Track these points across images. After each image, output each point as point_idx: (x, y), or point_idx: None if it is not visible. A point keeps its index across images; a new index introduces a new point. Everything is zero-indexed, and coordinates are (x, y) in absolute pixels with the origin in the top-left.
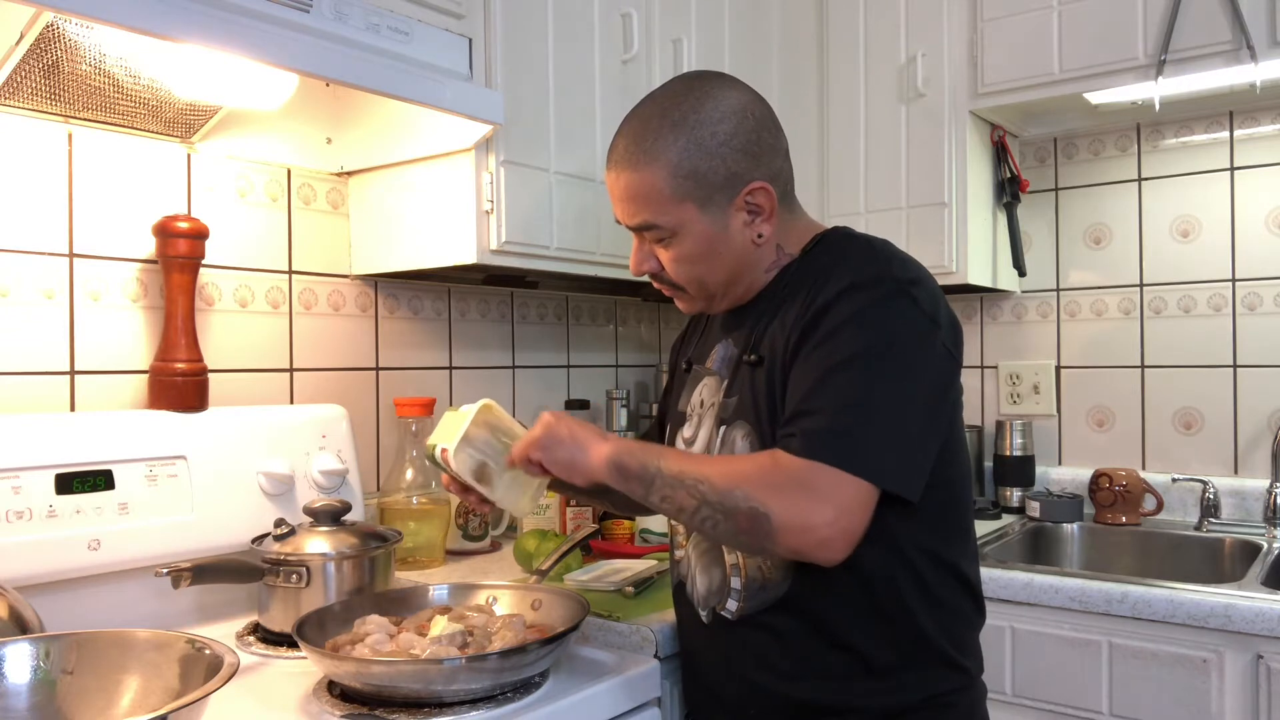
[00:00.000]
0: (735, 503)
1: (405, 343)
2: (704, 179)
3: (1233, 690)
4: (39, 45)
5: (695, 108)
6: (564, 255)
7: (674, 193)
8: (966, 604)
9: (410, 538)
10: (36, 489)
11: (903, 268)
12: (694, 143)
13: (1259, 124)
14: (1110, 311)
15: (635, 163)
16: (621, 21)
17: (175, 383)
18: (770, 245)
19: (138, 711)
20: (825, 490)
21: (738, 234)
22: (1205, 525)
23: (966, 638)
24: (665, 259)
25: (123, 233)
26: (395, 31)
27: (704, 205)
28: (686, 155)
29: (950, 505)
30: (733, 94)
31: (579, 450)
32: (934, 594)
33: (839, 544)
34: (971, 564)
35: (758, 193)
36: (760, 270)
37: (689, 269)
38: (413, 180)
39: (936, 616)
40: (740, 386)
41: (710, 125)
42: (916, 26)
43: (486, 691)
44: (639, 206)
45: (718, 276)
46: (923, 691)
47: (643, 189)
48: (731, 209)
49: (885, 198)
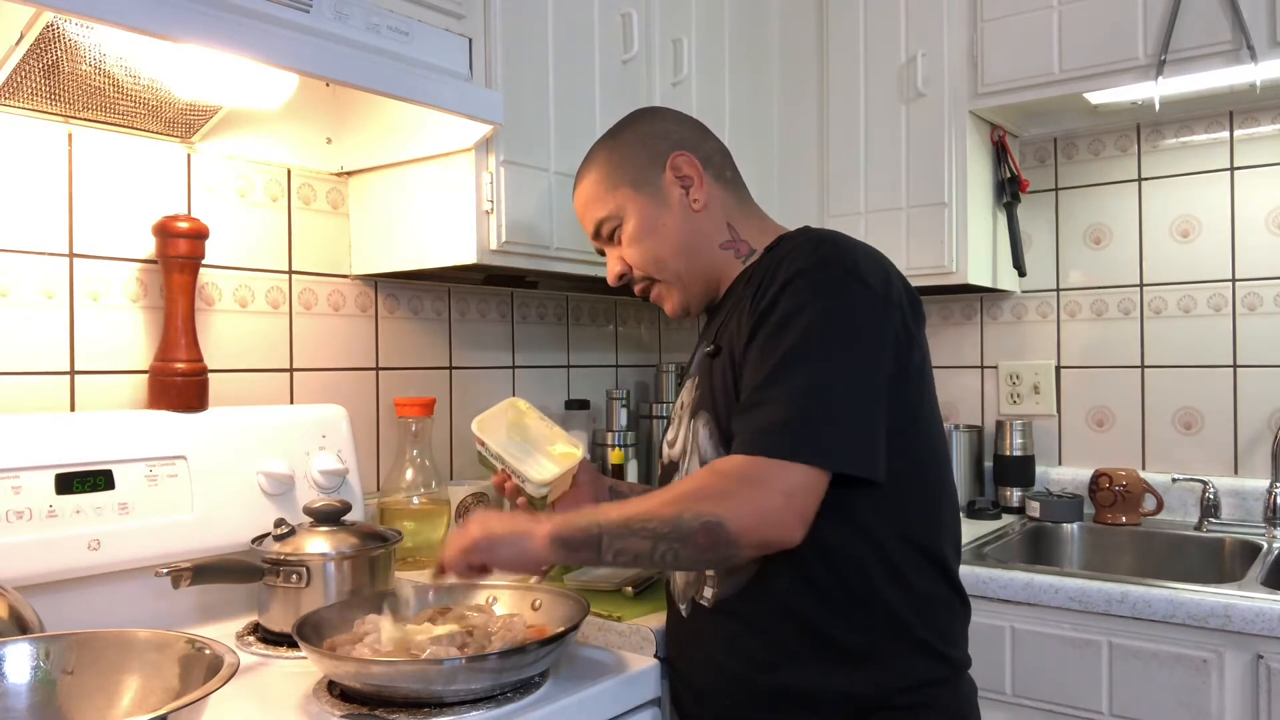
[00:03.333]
0: (686, 525)
1: (405, 343)
2: (630, 163)
3: (1233, 690)
4: (39, 45)
5: (621, 126)
6: (564, 255)
7: (608, 183)
8: (944, 590)
9: (410, 538)
10: (36, 489)
11: (849, 253)
12: (616, 144)
13: (1259, 124)
14: (1110, 311)
15: (577, 182)
16: (621, 21)
17: (175, 383)
18: (715, 218)
19: (138, 711)
20: (769, 479)
21: (676, 204)
22: (1205, 525)
23: (950, 626)
24: (625, 252)
25: (123, 233)
26: (395, 31)
27: (637, 185)
28: (611, 153)
29: (920, 487)
30: (658, 110)
31: (521, 541)
32: (907, 578)
33: (795, 527)
34: (948, 549)
35: (680, 162)
36: (714, 244)
37: (642, 249)
38: (413, 180)
39: (911, 602)
40: (704, 379)
41: (630, 130)
42: (916, 26)
43: (486, 691)
44: (587, 211)
45: (670, 250)
46: (900, 680)
47: (584, 195)
48: (664, 183)
49: (885, 198)
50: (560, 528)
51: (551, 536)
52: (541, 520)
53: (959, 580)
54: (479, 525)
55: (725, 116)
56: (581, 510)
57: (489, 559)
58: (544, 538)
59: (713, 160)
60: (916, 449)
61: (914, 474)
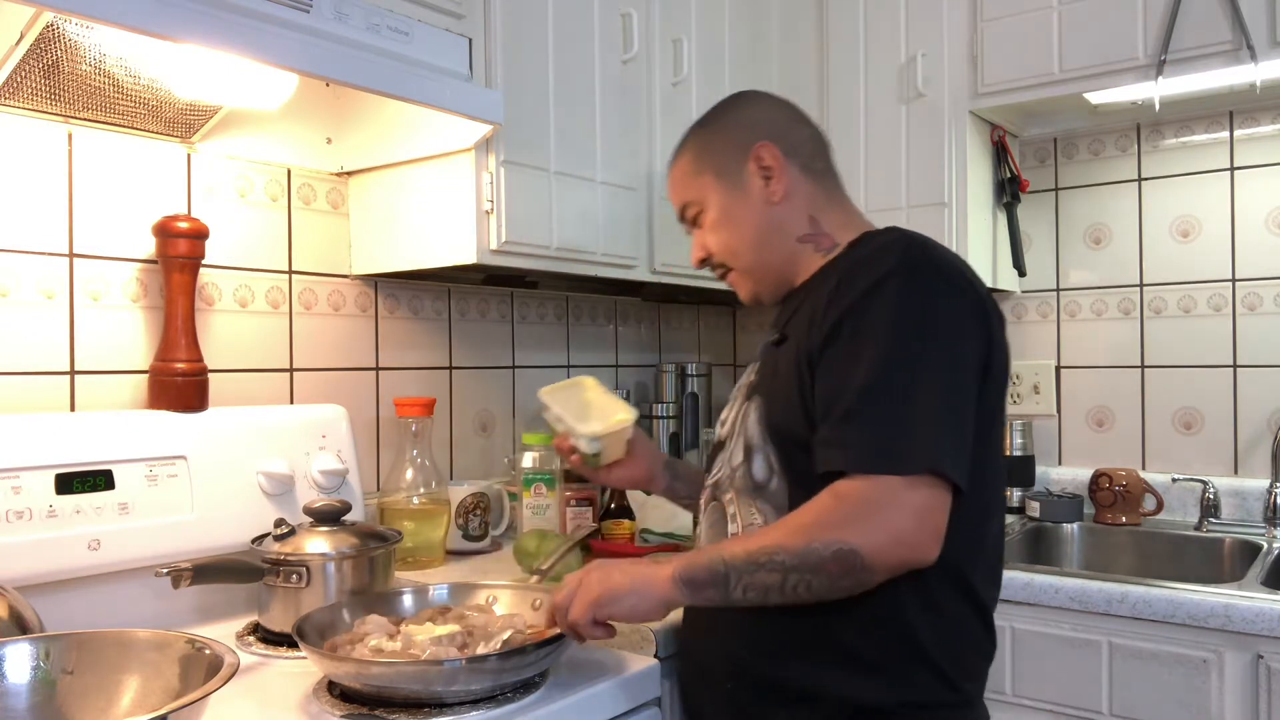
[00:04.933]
0: (818, 555)
1: (405, 343)
2: (715, 151)
3: (1233, 690)
4: (39, 45)
5: (715, 111)
6: (564, 255)
7: (694, 169)
8: (970, 618)
9: (410, 538)
10: (36, 489)
11: (938, 257)
12: (706, 131)
13: (1259, 124)
14: (1110, 311)
15: (670, 164)
16: (621, 21)
17: (175, 383)
18: (796, 211)
19: (138, 711)
20: (897, 501)
21: (756, 195)
22: (1205, 525)
23: (967, 658)
24: (706, 238)
25: (123, 233)
26: (395, 31)
27: (720, 173)
28: (701, 139)
29: (971, 511)
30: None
31: (644, 588)
32: (932, 597)
33: (930, 545)
34: (983, 581)
35: (763, 153)
36: (792, 238)
37: (721, 237)
38: (413, 180)
39: (932, 621)
40: (765, 365)
41: (723, 117)
42: (916, 26)
43: (486, 692)
44: (674, 193)
45: (745, 241)
46: (900, 694)
47: (674, 178)
48: (746, 174)
49: (885, 198)
50: (684, 569)
51: (675, 578)
52: (662, 563)
53: (991, 617)
54: (599, 579)
55: None
56: (701, 550)
57: (614, 612)
58: (666, 580)
59: (800, 150)
60: (981, 471)
61: (970, 499)
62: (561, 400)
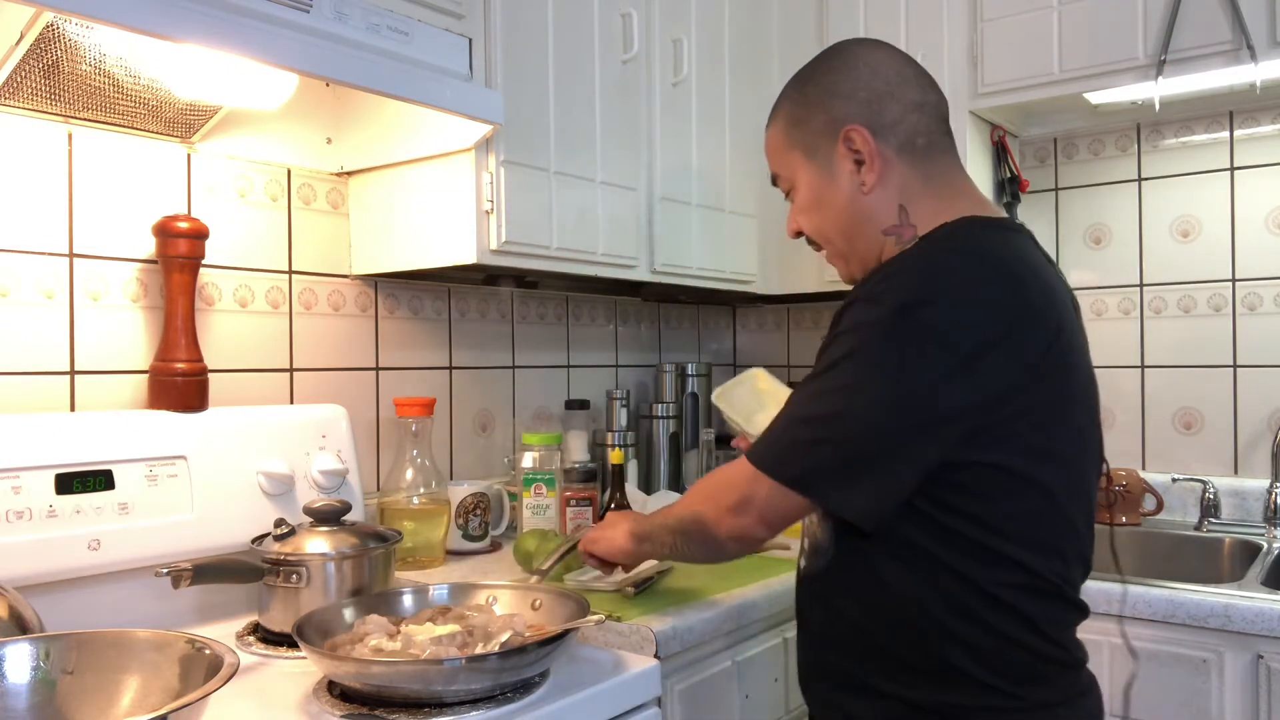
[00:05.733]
0: (684, 521)
1: (405, 343)
2: (807, 126)
3: (1233, 690)
4: (39, 45)
5: (816, 65)
6: (564, 255)
7: (785, 143)
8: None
9: (410, 538)
10: (36, 489)
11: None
12: (803, 95)
13: (1259, 124)
14: (1110, 311)
15: (769, 122)
16: (621, 21)
17: (175, 383)
18: (886, 200)
19: (138, 711)
20: (745, 484)
21: (845, 182)
22: (1205, 525)
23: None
24: (798, 216)
25: (123, 233)
26: (395, 31)
27: (810, 153)
28: (795, 106)
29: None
30: (857, 48)
31: (612, 536)
32: (976, 617)
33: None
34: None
35: (854, 136)
36: (878, 229)
37: (809, 219)
38: (413, 180)
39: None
40: None
41: (820, 77)
42: (916, 26)
43: (486, 691)
44: (770, 160)
45: (834, 228)
46: (947, 697)
47: (769, 144)
48: (836, 157)
49: None
50: (634, 527)
51: (630, 533)
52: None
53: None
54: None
55: (725, 116)
56: (654, 513)
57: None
58: (625, 534)
59: (898, 127)
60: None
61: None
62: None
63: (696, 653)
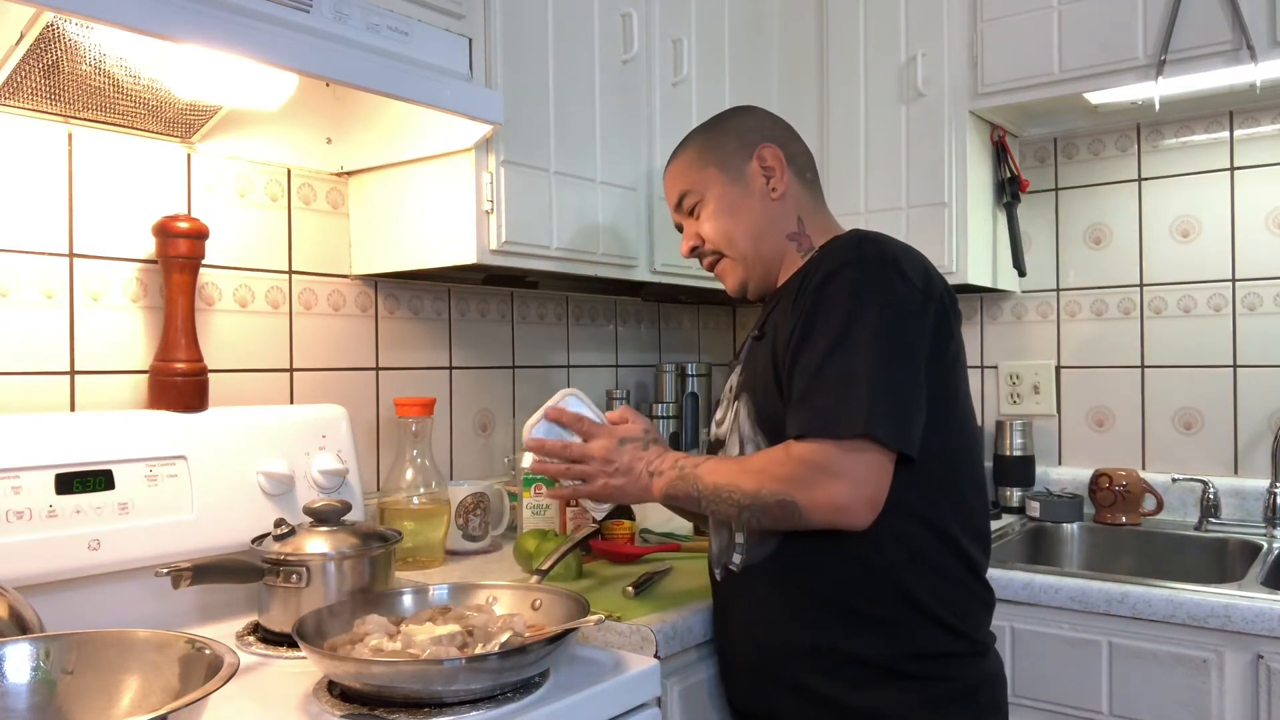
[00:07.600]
0: (764, 500)
1: (405, 343)
2: (721, 148)
3: (1233, 690)
4: (39, 45)
5: (718, 119)
6: (564, 255)
7: (699, 163)
8: (964, 575)
9: (410, 538)
10: (36, 489)
11: (889, 250)
12: (712, 131)
13: (1259, 124)
14: (1110, 311)
15: (669, 162)
16: (621, 21)
17: (175, 383)
18: (789, 209)
19: (138, 711)
20: (836, 467)
21: (757, 189)
22: (1205, 525)
23: (968, 606)
24: (702, 226)
25: (123, 233)
26: (395, 31)
27: (724, 167)
28: (706, 138)
29: (946, 474)
30: (750, 109)
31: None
32: (922, 555)
33: (861, 510)
34: (970, 537)
35: (767, 153)
36: (783, 233)
37: (719, 225)
38: (413, 180)
39: (926, 577)
40: (748, 363)
41: (726, 123)
42: (916, 26)
43: (486, 691)
44: (674, 184)
45: (743, 231)
46: (915, 649)
47: (676, 172)
48: (749, 170)
49: (885, 198)
50: (669, 488)
51: (662, 493)
52: (655, 476)
53: (982, 570)
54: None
55: None
56: (684, 474)
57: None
58: (654, 492)
59: (796, 159)
60: (943, 435)
61: (939, 461)
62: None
63: (697, 653)
